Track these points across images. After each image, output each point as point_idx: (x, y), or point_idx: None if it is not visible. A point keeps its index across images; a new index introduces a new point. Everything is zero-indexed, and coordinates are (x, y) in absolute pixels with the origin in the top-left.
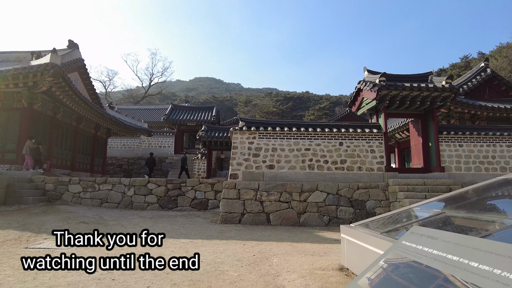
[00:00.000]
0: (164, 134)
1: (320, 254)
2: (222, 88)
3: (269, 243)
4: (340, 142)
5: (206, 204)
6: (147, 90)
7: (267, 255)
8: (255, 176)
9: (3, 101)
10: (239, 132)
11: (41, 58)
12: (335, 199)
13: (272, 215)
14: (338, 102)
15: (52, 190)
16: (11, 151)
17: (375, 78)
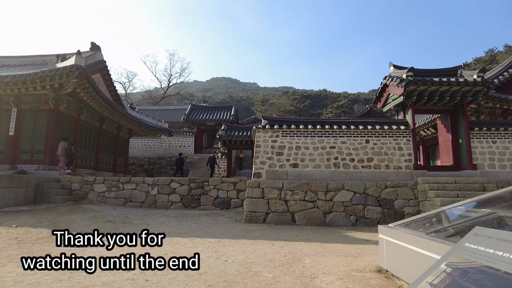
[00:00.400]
0: (184, 134)
1: (353, 255)
2: (238, 87)
3: (298, 243)
4: (366, 140)
5: (228, 203)
6: (166, 91)
7: (298, 256)
8: (279, 175)
9: (31, 103)
10: (262, 131)
11: (66, 60)
12: (362, 198)
13: (297, 214)
14: (356, 100)
15: (78, 189)
16: (39, 152)
17: (402, 73)
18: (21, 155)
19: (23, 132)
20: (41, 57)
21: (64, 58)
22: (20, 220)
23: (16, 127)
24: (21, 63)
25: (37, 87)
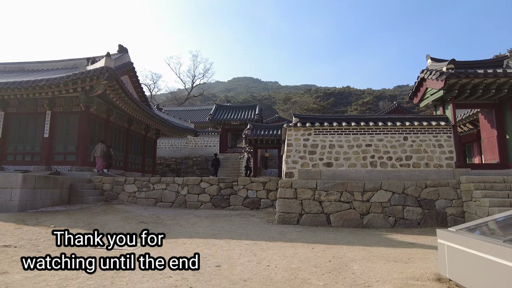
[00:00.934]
0: (210, 134)
1: (403, 260)
2: (259, 87)
3: (339, 247)
4: (404, 137)
5: (258, 203)
6: (190, 92)
7: (344, 261)
8: (312, 174)
9: (63, 106)
10: (293, 129)
11: (96, 63)
12: (401, 199)
13: (333, 216)
14: (381, 96)
15: (109, 190)
16: (71, 153)
17: (441, 66)
18: (55, 156)
19: (56, 134)
20: (71, 61)
21: (94, 61)
22: (57, 220)
23: (50, 129)
24: (54, 67)
25: (69, 90)
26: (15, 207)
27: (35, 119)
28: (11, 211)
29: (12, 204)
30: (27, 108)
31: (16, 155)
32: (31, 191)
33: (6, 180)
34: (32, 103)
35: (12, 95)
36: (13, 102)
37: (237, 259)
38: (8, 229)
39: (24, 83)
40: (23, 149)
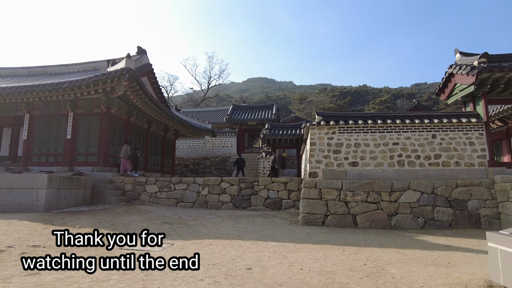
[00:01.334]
0: (227, 134)
1: (443, 264)
2: (274, 87)
3: (370, 249)
4: (433, 135)
5: (279, 203)
6: (206, 93)
7: (379, 264)
8: (337, 174)
9: (85, 107)
10: (317, 127)
11: (116, 64)
12: (430, 199)
13: (359, 217)
14: (399, 95)
15: (131, 190)
16: (93, 154)
17: (472, 60)
18: (77, 157)
19: (78, 135)
20: (92, 63)
21: (114, 63)
22: (81, 220)
23: (72, 130)
24: (74, 70)
25: (90, 91)
26: (41, 207)
27: (58, 121)
28: (37, 211)
29: (38, 204)
30: (51, 110)
31: (41, 156)
32: (56, 191)
33: (32, 180)
34: (55, 105)
35: (37, 98)
36: (37, 104)
37: (267, 261)
38: (36, 229)
39: (48, 86)
40: (47, 150)
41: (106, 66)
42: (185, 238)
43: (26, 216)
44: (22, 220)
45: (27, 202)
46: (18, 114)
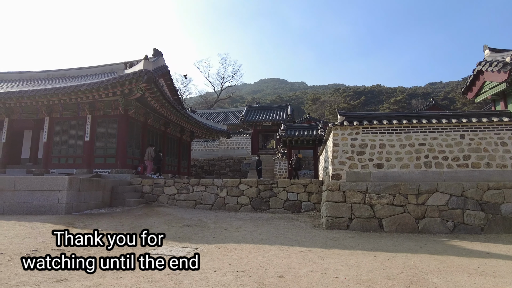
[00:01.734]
0: (241, 135)
1: (488, 273)
2: (286, 88)
3: (403, 255)
4: (461, 135)
5: (299, 206)
6: (219, 94)
7: (418, 272)
8: (361, 176)
9: (103, 110)
10: (340, 128)
11: (134, 66)
12: (460, 202)
13: (385, 220)
14: (413, 94)
15: (149, 192)
16: (111, 156)
17: (503, 56)
18: (96, 159)
19: (97, 137)
20: (108, 66)
21: (132, 65)
22: (102, 223)
23: (91, 132)
24: (92, 73)
25: (108, 93)
26: (62, 209)
27: (77, 123)
28: (58, 213)
29: (59, 206)
30: (69, 113)
31: (60, 158)
32: (76, 193)
33: (53, 183)
34: (74, 108)
35: (57, 100)
36: (57, 107)
37: (298, 268)
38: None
39: (67, 88)
40: (66, 153)
41: (123, 69)
42: (208, 242)
43: (48, 218)
44: (45, 222)
45: (49, 204)
46: (38, 117)
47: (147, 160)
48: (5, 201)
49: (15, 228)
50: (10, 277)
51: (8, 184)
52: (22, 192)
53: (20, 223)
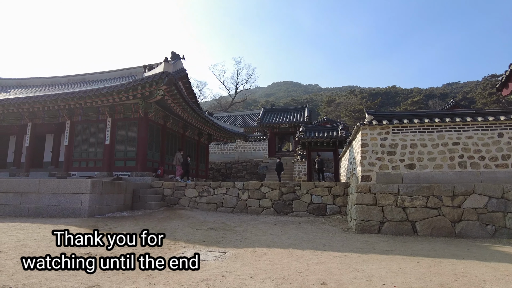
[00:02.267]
0: (258, 138)
1: None
2: (300, 90)
3: (448, 261)
4: (499, 133)
5: (324, 209)
6: (234, 97)
7: (473, 281)
8: (392, 178)
9: (123, 113)
10: (368, 127)
11: (153, 69)
12: (500, 204)
13: (419, 223)
14: (430, 95)
15: (170, 195)
16: (131, 159)
17: None
18: (116, 162)
19: (117, 140)
20: (127, 69)
21: (151, 68)
22: (126, 226)
23: (111, 136)
24: (111, 76)
25: (129, 96)
26: (85, 212)
27: (97, 126)
28: (81, 216)
29: (82, 209)
30: (90, 116)
31: (81, 161)
32: (99, 196)
33: (76, 185)
34: (94, 111)
35: (78, 104)
36: (77, 110)
37: (340, 275)
38: None
39: (88, 92)
40: (87, 156)
41: (143, 72)
42: (236, 246)
43: (72, 221)
44: (69, 225)
45: (72, 207)
46: (60, 121)
47: (177, 164)
48: (30, 204)
49: (41, 231)
50: (41, 282)
51: (32, 187)
52: (46, 195)
53: (46, 225)
